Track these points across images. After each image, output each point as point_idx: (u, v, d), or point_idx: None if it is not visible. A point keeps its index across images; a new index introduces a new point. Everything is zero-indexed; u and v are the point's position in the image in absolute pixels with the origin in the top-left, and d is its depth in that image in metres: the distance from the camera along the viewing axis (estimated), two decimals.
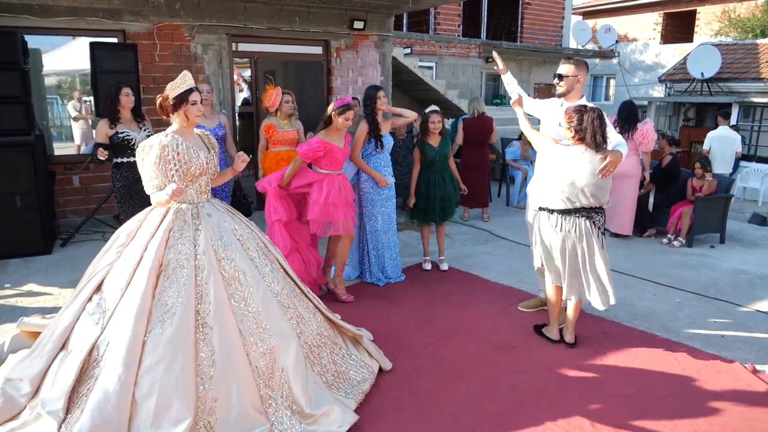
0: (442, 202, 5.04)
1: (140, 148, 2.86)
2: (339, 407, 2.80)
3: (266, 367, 2.73)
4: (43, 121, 6.51)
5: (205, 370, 2.58)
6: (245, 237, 2.99)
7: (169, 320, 2.58)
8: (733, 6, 16.16)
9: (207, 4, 6.85)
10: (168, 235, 2.78)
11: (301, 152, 4.19)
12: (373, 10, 8.08)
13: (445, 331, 3.95)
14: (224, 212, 3.04)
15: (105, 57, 5.62)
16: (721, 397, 3.17)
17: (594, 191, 3.45)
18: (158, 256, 2.71)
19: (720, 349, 3.76)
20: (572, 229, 3.51)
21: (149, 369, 2.50)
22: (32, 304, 4.29)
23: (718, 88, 11.77)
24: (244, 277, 2.81)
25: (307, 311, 3.15)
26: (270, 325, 2.79)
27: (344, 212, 4.24)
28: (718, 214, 6.50)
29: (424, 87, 10.61)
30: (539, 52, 14.05)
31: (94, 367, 2.57)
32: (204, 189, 2.98)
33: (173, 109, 2.89)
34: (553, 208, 3.56)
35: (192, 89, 2.91)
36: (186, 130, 2.95)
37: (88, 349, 2.60)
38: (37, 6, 5.90)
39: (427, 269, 5.24)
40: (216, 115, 5.30)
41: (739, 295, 4.77)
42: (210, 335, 2.63)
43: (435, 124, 4.96)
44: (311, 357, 3.01)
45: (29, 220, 5.33)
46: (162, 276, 2.69)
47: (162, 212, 2.87)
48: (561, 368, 3.46)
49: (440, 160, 5.03)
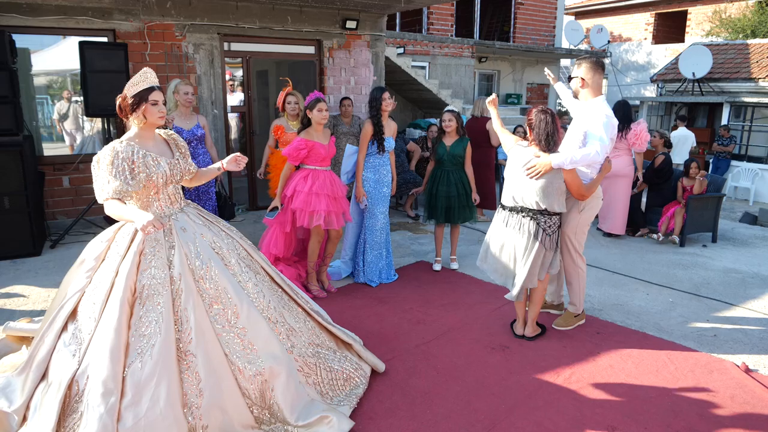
0: (447, 202, 5.03)
1: (95, 159, 2.63)
2: (334, 415, 2.73)
3: (256, 389, 2.63)
4: (33, 121, 6.44)
5: (192, 399, 2.47)
6: (225, 249, 2.81)
7: (148, 352, 2.43)
8: (724, 6, 16.26)
9: (198, 3, 6.80)
10: (139, 258, 2.57)
11: (285, 154, 4.27)
12: (365, 10, 8.06)
13: (437, 332, 3.94)
14: (201, 224, 2.83)
15: (95, 57, 5.57)
16: (714, 396, 3.17)
17: (539, 194, 3.51)
18: (129, 284, 2.52)
19: (712, 348, 3.76)
20: (516, 226, 3.62)
21: (132, 404, 2.37)
22: (20, 307, 4.23)
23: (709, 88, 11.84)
24: (226, 296, 2.66)
25: (297, 321, 3.03)
26: (258, 345, 2.66)
27: (327, 203, 4.25)
28: (710, 213, 6.53)
29: (416, 87, 10.59)
30: (532, 52, 14.07)
31: (77, 402, 2.44)
32: (174, 198, 2.78)
33: (131, 110, 2.63)
34: (505, 205, 3.72)
35: (153, 88, 2.67)
36: (145, 133, 2.71)
37: (67, 383, 2.44)
38: (25, 5, 5.84)
39: (437, 270, 5.25)
40: (194, 116, 5.26)
41: (731, 294, 4.78)
42: (194, 363, 2.49)
43: (446, 122, 5.01)
44: (305, 369, 2.91)
45: (18, 222, 5.27)
46: (137, 304, 2.51)
47: (131, 231, 2.65)
48: (554, 368, 3.45)
49: (449, 160, 5.03)
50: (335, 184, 4.37)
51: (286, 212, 4.29)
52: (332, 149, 4.41)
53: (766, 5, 15.58)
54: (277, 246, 4.35)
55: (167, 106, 4.98)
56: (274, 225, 4.38)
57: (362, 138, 4.68)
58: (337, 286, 4.80)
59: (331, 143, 4.41)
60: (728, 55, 12.46)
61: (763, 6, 15.71)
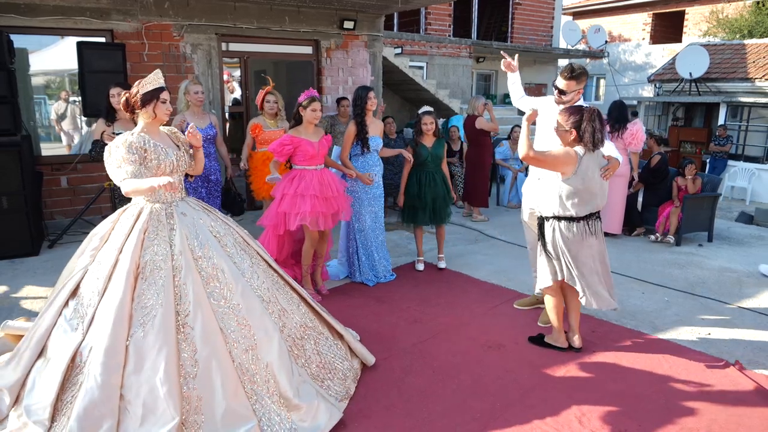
0: (434, 203, 5.03)
1: (106, 149, 2.83)
2: (324, 403, 2.81)
3: (250, 363, 2.72)
4: (30, 121, 6.45)
5: (188, 369, 2.58)
6: (222, 233, 2.97)
7: (150, 323, 2.57)
8: (721, 6, 16.31)
9: (196, 3, 6.81)
10: (143, 236, 2.75)
11: (271, 149, 4.26)
12: (363, 10, 8.07)
13: (434, 330, 3.96)
14: (200, 210, 3.00)
15: (93, 57, 5.59)
16: (709, 395, 3.19)
17: (606, 195, 3.48)
18: (134, 258, 2.68)
19: (707, 347, 3.79)
20: (596, 232, 3.47)
21: (134, 372, 2.50)
22: (19, 306, 4.25)
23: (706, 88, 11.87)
24: (222, 275, 2.79)
25: (290, 303, 3.13)
26: (251, 321, 2.78)
27: (312, 204, 4.18)
28: (706, 212, 6.55)
29: (414, 87, 10.62)
30: (530, 52, 14.10)
31: (77, 374, 2.55)
32: (177, 187, 2.91)
33: (141, 105, 2.85)
34: (579, 216, 3.42)
35: (163, 88, 2.90)
36: (153, 128, 2.92)
37: (70, 355, 2.57)
38: (23, 5, 5.85)
39: (420, 270, 5.24)
40: (207, 115, 5.32)
41: (726, 293, 4.81)
42: (191, 335, 2.62)
43: (427, 125, 4.97)
44: (295, 350, 3.00)
45: (16, 221, 5.28)
46: (140, 278, 2.67)
47: (135, 213, 2.84)
48: (549, 367, 3.48)
49: (432, 161, 5.02)
50: (325, 184, 4.28)
51: (277, 215, 4.28)
52: (323, 148, 4.34)
53: (763, 5, 15.62)
54: (270, 248, 4.33)
55: (179, 107, 5.08)
56: (268, 228, 4.39)
57: (345, 138, 4.67)
58: (335, 285, 4.81)
59: (322, 141, 4.33)
60: (725, 55, 12.49)
61: (760, 6, 15.76)
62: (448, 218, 5.20)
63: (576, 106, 3.46)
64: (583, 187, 3.35)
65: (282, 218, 4.25)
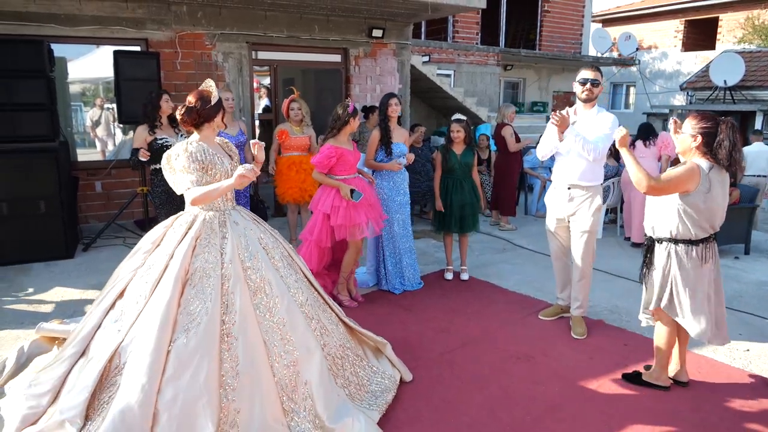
0: (461, 210, 5.01)
1: (165, 157, 2.86)
2: (362, 418, 2.75)
3: (290, 379, 2.70)
4: (68, 127, 6.63)
5: (228, 381, 2.55)
6: (271, 246, 2.96)
7: (194, 330, 2.56)
8: (757, 13, 15.91)
9: (228, 13, 6.94)
10: (195, 243, 2.76)
11: (315, 162, 4.28)
12: (391, 18, 8.11)
13: (462, 340, 3.92)
14: (249, 220, 3.01)
15: (128, 65, 5.73)
16: (747, 415, 3.08)
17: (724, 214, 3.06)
18: (185, 264, 2.68)
19: (745, 363, 3.66)
20: (711, 256, 3.06)
21: (173, 378, 2.48)
22: (53, 308, 4.35)
23: (742, 96, 11.58)
24: (269, 288, 2.78)
25: (330, 322, 3.11)
26: (294, 336, 2.75)
27: (366, 213, 4.31)
28: (743, 224, 6.37)
29: (442, 95, 10.60)
30: (558, 59, 13.96)
31: (115, 375, 2.56)
32: (229, 196, 2.96)
33: (213, 116, 2.89)
34: (699, 239, 3.02)
35: (220, 98, 2.96)
36: (210, 138, 2.95)
37: (109, 356, 2.58)
38: (62, 15, 6.03)
39: (449, 279, 5.22)
40: (236, 122, 5.42)
41: (765, 308, 4.65)
42: (234, 346, 2.60)
43: (455, 133, 4.97)
44: (334, 369, 2.96)
45: (52, 225, 5.42)
46: (188, 285, 2.66)
47: (189, 220, 2.85)
48: (580, 380, 3.40)
49: (460, 169, 5.01)
50: (367, 190, 4.39)
51: (322, 229, 4.30)
52: (356, 153, 4.47)
53: None
54: (311, 261, 4.32)
55: None
56: (309, 241, 4.37)
57: (370, 143, 4.72)
58: (362, 293, 4.81)
59: (355, 149, 4.47)
60: (762, 62, 12.19)
61: None
62: (476, 227, 5.16)
63: (711, 113, 3.02)
64: (704, 206, 2.93)
65: (330, 230, 4.29)
